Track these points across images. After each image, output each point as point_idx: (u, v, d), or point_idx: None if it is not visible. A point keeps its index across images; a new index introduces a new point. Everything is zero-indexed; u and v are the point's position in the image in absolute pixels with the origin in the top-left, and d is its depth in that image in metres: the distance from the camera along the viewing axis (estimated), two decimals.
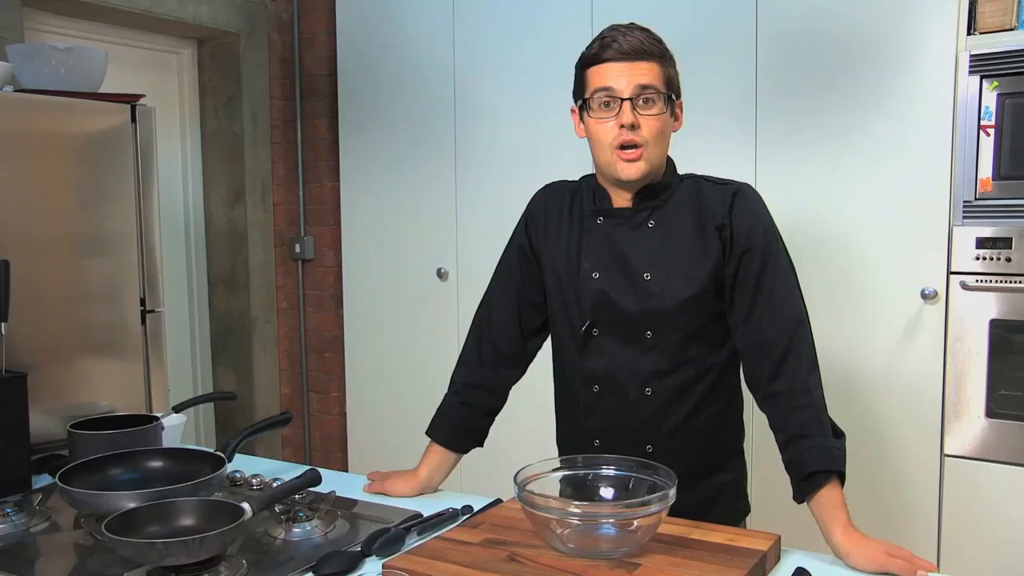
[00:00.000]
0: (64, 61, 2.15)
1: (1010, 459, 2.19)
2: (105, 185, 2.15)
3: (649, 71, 1.47)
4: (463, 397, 1.70)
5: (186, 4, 3.11)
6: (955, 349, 2.25)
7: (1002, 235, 2.18)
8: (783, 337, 1.45)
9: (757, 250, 1.48)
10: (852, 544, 1.32)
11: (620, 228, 1.55)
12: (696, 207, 1.53)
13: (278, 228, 3.57)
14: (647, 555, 1.26)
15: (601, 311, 1.54)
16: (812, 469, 1.38)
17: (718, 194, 1.53)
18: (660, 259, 1.51)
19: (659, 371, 1.52)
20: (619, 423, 1.56)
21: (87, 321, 2.12)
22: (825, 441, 1.40)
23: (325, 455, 3.62)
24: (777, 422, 1.46)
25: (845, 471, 1.40)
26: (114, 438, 1.72)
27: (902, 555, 1.29)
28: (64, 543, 1.46)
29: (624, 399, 1.54)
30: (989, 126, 2.18)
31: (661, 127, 1.49)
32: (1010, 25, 2.16)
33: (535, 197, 1.70)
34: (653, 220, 1.53)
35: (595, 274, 1.55)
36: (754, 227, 1.49)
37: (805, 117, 2.42)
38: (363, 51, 3.26)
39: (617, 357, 1.54)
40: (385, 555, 1.33)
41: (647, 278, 1.51)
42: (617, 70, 1.46)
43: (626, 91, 1.46)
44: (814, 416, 1.42)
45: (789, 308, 1.47)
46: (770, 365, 1.46)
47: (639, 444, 1.54)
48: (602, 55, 1.48)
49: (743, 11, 2.48)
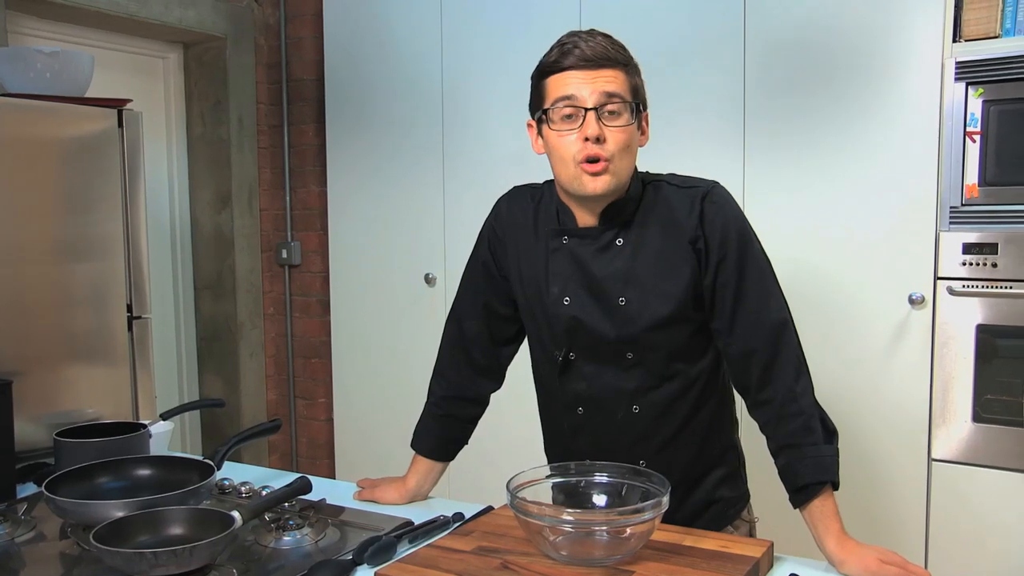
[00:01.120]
0: (50, 65, 2.14)
1: (997, 463, 2.20)
2: (91, 190, 2.13)
3: (614, 79, 1.38)
4: (443, 410, 1.69)
5: (172, 8, 3.09)
6: (942, 354, 2.26)
7: (988, 240, 2.19)
8: (768, 344, 1.42)
9: (732, 257, 1.42)
10: (845, 552, 1.32)
11: (587, 249, 1.47)
12: (664, 218, 1.45)
13: (265, 233, 3.55)
14: (640, 562, 1.25)
15: (577, 337, 1.48)
16: (804, 482, 1.37)
17: (685, 201, 1.44)
18: (633, 280, 1.44)
19: (644, 387, 1.47)
20: (609, 442, 1.52)
21: (73, 327, 2.10)
22: (816, 451, 1.38)
23: (312, 461, 3.61)
24: (768, 430, 1.45)
25: (838, 478, 1.38)
26: (101, 446, 1.71)
27: (895, 561, 1.28)
28: (50, 553, 1.44)
29: (612, 418, 1.50)
30: (975, 132, 2.19)
31: (628, 139, 1.40)
32: (994, 33, 2.18)
33: (496, 209, 1.63)
34: (621, 238, 1.46)
35: (565, 299, 1.48)
36: (727, 234, 1.42)
37: (794, 124, 2.44)
38: (350, 56, 3.26)
39: (599, 378, 1.49)
40: (376, 563, 1.32)
41: (622, 303, 1.44)
42: (579, 78, 1.37)
43: (590, 100, 1.37)
44: (804, 425, 1.40)
45: (771, 312, 1.43)
46: (758, 373, 1.43)
47: (632, 461, 1.50)
48: (563, 62, 1.39)
49: (731, 20, 2.49)
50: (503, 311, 1.64)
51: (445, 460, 1.69)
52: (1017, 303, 2.14)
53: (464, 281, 1.69)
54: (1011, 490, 2.19)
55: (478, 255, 1.65)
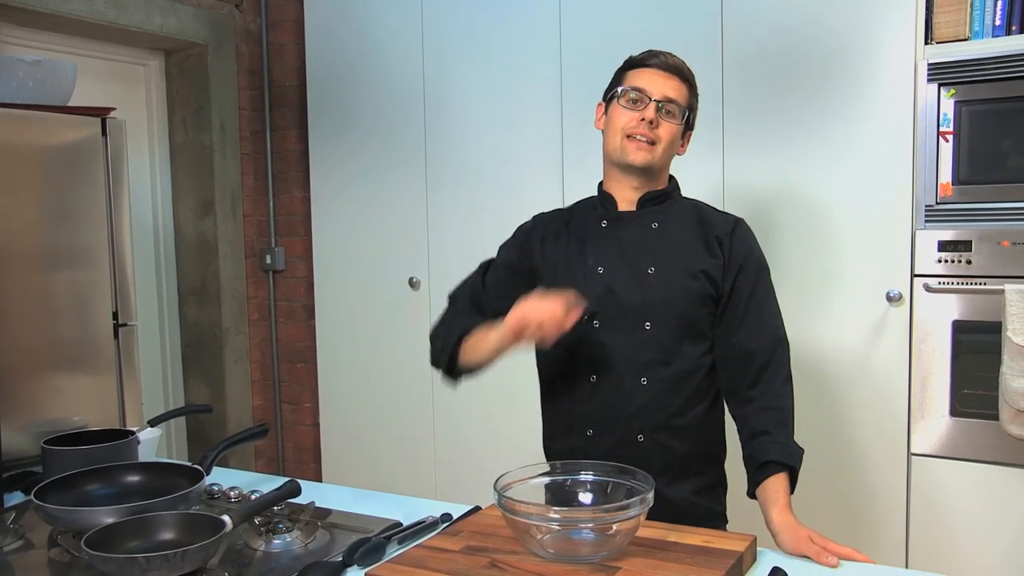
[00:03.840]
0: (32, 74, 2.14)
1: (974, 457, 2.24)
2: (76, 199, 2.13)
3: (680, 89, 1.64)
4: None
5: (153, 15, 3.09)
6: (920, 350, 2.30)
7: (962, 238, 2.23)
8: (765, 350, 1.59)
9: (751, 271, 1.62)
10: (783, 524, 1.44)
11: (625, 229, 1.66)
12: (698, 220, 1.66)
13: (248, 239, 3.55)
14: (626, 559, 1.28)
15: (605, 304, 1.61)
16: (767, 459, 1.50)
17: (720, 217, 1.68)
18: (662, 256, 1.62)
19: (655, 361, 1.59)
20: (613, 411, 1.61)
21: (58, 335, 2.10)
22: (786, 440, 1.53)
23: (299, 466, 3.61)
24: (744, 420, 1.58)
25: (797, 473, 1.51)
26: (89, 453, 1.71)
27: (821, 543, 1.38)
28: (39, 561, 1.45)
29: (620, 387, 1.61)
30: (948, 132, 2.23)
31: (673, 136, 1.64)
32: (964, 35, 2.22)
33: (528, 223, 1.78)
34: (657, 223, 1.65)
35: (600, 269, 1.63)
36: (751, 253, 1.64)
37: (772, 126, 2.47)
38: (332, 62, 3.26)
39: (615, 347, 1.61)
40: (366, 564, 1.34)
41: (651, 272, 1.61)
42: (655, 77, 1.63)
43: (656, 94, 1.61)
44: (780, 419, 1.55)
45: (774, 327, 1.63)
46: (751, 374, 1.58)
47: (631, 433, 1.60)
48: (647, 61, 1.64)
49: (709, 21, 2.52)
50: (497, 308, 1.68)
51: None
52: (991, 299, 2.18)
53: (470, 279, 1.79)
54: (989, 482, 2.23)
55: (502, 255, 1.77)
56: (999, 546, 2.23)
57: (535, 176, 2.86)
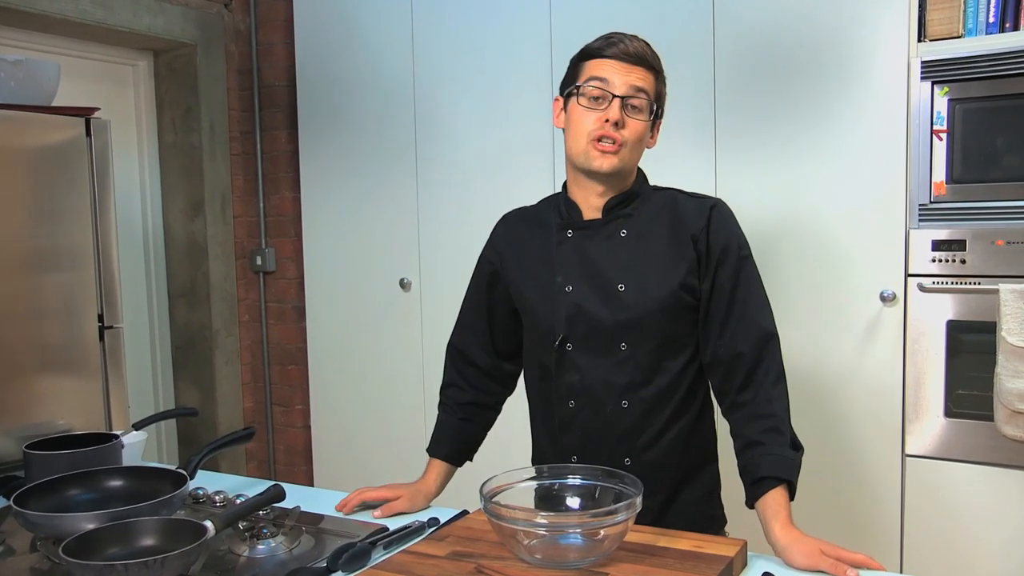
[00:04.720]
0: (14, 74, 2.11)
1: (968, 458, 2.23)
2: (60, 200, 2.11)
3: (645, 78, 1.51)
4: (461, 414, 1.72)
5: (140, 15, 3.07)
6: (914, 350, 2.28)
7: (956, 237, 2.22)
8: (754, 350, 1.50)
9: (731, 264, 1.52)
10: (790, 539, 1.36)
11: (592, 240, 1.55)
12: (670, 216, 1.55)
13: (238, 240, 3.53)
14: (614, 564, 1.26)
15: (575, 324, 1.54)
16: (763, 474, 1.42)
17: (694, 206, 1.55)
18: (633, 268, 1.52)
19: (634, 383, 1.52)
20: (596, 438, 1.55)
21: (43, 338, 2.07)
22: (781, 451, 1.44)
23: (290, 468, 3.58)
24: (737, 428, 1.50)
25: (796, 483, 1.44)
26: (71, 458, 1.69)
27: (834, 554, 1.31)
28: (19, 568, 1.42)
29: (601, 412, 1.54)
30: (941, 131, 2.22)
31: (641, 133, 1.52)
32: (957, 33, 2.20)
33: (496, 228, 1.72)
34: (625, 229, 1.54)
35: (568, 287, 1.55)
36: (729, 241, 1.52)
37: (763, 125, 2.45)
38: (322, 61, 3.24)
39: (592, 371, 1.54)
40: (351, 570, 1.32)
41: (621, 289, 1.51)
42: (616, 67, 1.49)
43: (620, 88, 1.48)
44: (773, 426, 1.46)
45: (761, 322, 1.52)
46: (740, 376, 1.50)
47: (617, 457, 1.54)
48: (605, 51, 1.50)
49: (701, 19, 2.51)
50: (504, 323, 1.70)
51: (458, 465, 1.73)
52: (985, 298, 2.16)
53: (468, 294, 1.75)
54: (983, 483, 2.21)
55: (481, 267, 1.72)
56: (994, 547, 2.21)
57: (526, 176, 2.84)
